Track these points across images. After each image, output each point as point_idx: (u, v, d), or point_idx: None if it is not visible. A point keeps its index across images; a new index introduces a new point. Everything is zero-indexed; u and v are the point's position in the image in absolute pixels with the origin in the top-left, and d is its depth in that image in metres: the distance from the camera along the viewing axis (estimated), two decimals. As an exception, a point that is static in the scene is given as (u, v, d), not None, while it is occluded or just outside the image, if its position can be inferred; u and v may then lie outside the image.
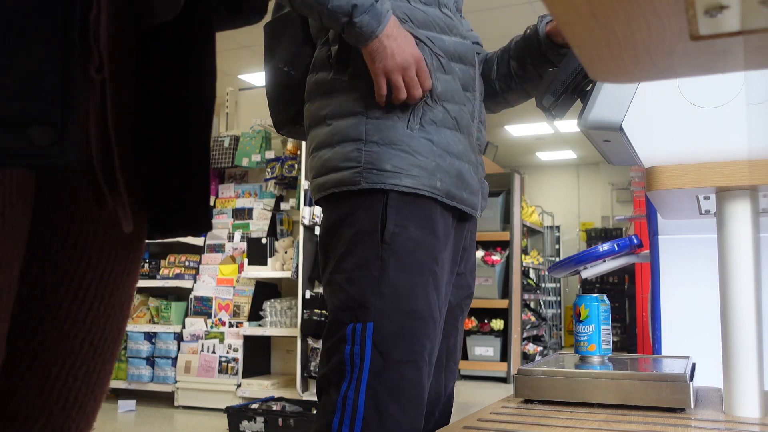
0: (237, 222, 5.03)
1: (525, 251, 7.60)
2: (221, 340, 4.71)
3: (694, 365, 1.33)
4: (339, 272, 1.29)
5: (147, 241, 0.79)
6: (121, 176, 0.67)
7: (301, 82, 1.44)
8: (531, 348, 7.07)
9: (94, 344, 0.70)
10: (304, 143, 4.62)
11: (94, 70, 0.65)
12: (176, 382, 4.75)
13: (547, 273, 8.11)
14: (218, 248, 5.03)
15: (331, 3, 1.20)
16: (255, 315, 4.72)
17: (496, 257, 6.50)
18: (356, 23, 1.21)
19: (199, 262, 5.03)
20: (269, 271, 4.62)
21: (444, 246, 1.33)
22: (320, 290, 4.47)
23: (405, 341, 1.24)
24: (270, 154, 4.87)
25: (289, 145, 4.80)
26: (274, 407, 4.02)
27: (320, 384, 1.29)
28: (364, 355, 1.22)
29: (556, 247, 10.69)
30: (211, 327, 4.79)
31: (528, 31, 1.49)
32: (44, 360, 0.68)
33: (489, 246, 6.70)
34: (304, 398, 4.26)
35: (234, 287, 4.85)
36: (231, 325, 4.73)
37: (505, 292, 6.53)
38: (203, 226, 0.75)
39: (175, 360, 4.79)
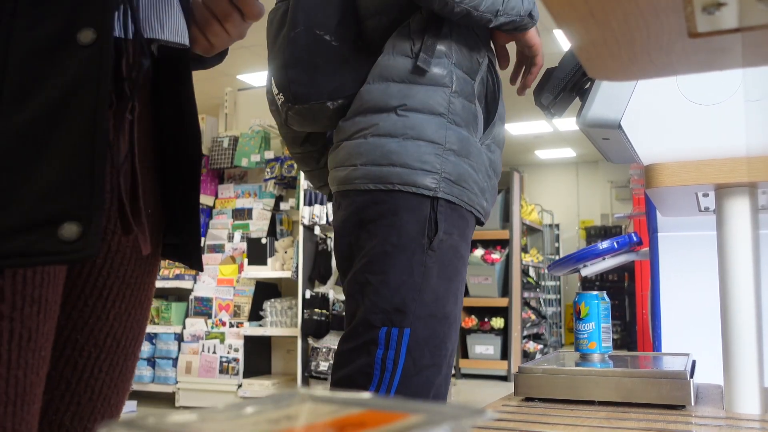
0: (237, 222, 5.03)
1: (524, 249, 7.60)
2: (222, 341, 4.71)
3: (694, 362, 1.33)
4: (373, 273, 1.24)
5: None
6: (143, 205, 0.73)
7: (343, 54, 1.30)
8: (531, 346, 7.07)
9: (117, 338, 0.76)
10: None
11: (128, 112, 0.70)
12: (177, 382, 4.74)
13: (546, 271, 8.11)
14: (218, 248, 5.03)
15: (519, 16, 1.28)
16: (255, 315, 4.72)
17: (495, 256, 6.50)
18: (535, 17, 1.32)
19: (199, 263, 5.02)
20: (269, 271, 4.62)
21: (468, 252, 1.36)
22: (320, 290, 4.47)
23: (434, 346, 1.24)
24: (269, 154, 4.87)
25: (289, 145, 4.80)
26: (275, 407, 4.02)
27: (341, 386, 1.24)
28: (398, 361, 1.20)
29: (556, 245, 10.69)
30: (212, 327, 4.78)
31: None
32: (71, 351, 0.73)
33: (488, 244, 6.70)
34: (305, 398, 4.26)
35: (234, 287, 4.85)
36: (231, 326, 4.72)
37: (505, 290, 6.53)
38: (194, 264, 0.82)
39: (175, 360, 4.79)
